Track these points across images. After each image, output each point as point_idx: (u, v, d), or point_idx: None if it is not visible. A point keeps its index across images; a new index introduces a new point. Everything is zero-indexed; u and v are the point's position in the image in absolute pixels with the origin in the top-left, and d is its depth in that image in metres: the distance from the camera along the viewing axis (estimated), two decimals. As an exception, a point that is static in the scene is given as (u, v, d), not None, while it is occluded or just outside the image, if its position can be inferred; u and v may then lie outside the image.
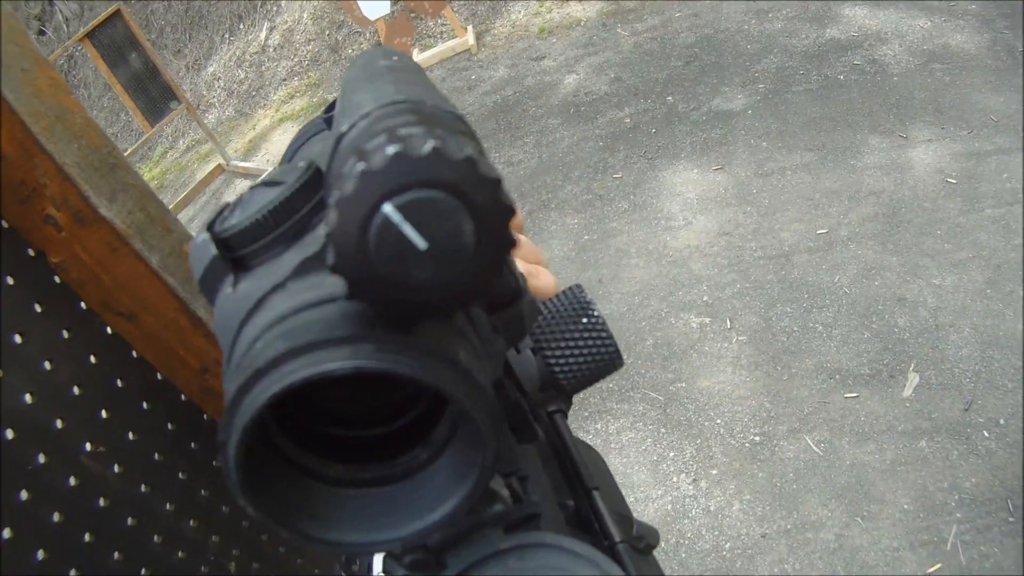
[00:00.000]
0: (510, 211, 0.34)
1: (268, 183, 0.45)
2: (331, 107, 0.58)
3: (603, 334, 0.65)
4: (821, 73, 5.34)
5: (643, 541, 0.66)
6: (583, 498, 0.63)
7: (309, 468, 0.41)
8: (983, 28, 5.27)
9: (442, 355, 0.36)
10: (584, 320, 0.65)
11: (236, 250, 0.43)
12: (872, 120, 4.79)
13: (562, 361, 0.64)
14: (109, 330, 1.04)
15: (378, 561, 0.50)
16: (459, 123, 0.40)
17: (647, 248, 4.49)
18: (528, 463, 0.58)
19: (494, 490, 0.48)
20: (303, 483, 0.40)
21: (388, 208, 0.32)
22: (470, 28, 7.42)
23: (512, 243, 0.35)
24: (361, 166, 0.32)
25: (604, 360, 0.65)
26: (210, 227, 0.44)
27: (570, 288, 0.67)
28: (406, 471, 0.42)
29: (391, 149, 0.32)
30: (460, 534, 0.46)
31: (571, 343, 0.65)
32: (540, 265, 0.71)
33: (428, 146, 0.32)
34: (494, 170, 0.34)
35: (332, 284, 0.37)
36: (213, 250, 0.42)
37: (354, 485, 0.42)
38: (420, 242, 0.33)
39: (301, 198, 0.43)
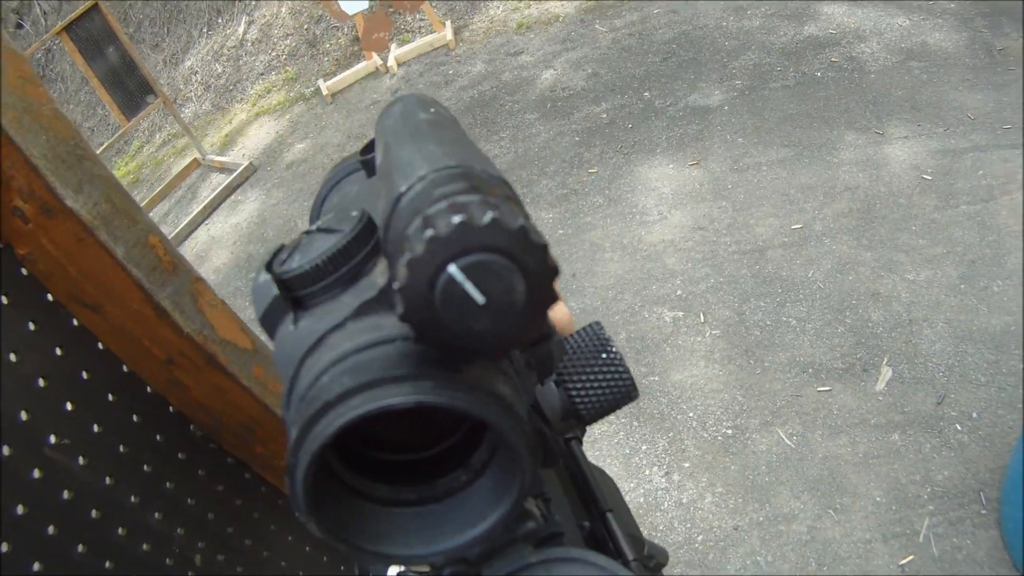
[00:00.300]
0: (555, 272, 0.39)
1: (324, 229, 0.49)
2: (368, 148, 0.64)
3: (620, 368, 0.69)
4: (798, 70, 5.36)
5: (653, 560, 0.71)
6: (598, 519, 0.69)
7: (360, 489, 0.46)
8: (961, 27, 5.30)
9: (490, 391, 0.41)
10: (603, 355, 0.70)
11: (296, 290, 0.47)
12: (849, 117, 4.81)
13: (583, 393, 0.69)
14: (76, 322, 1.04)
15: (393, 569, 0.54)
16: (505, 187, 0.43)
17: (621, 242, 4.50)
18: (549, 486, 0.64)
19: (528, 509, 0.53)
20: (355, 502, 0.46)
21: (453, 269, 0.37)
22: (448, 23, 7.41)
23: (555, 298, 0.40)
24: (429, 232, 0.36)
25: (621, 392, 0.70)
26: (268, 267, 0.48)
27: (589, 325, 0.72)
28: (447, 491, 0.47)
29: (456, 219, 0.36)
30: (496, 548, 0.51)
31: (591, 376, 0.69)
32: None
33: (488, 217, 0.37)
34: (542, 237, 0.38)
35: (389, 326, 0.43)
36: (275, 290, 0.47)
37: (400, 504, 0.47)
38: (479, 298, 0.37)
39: (357, 246, 0.47)
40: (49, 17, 10.07)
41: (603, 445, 3.52)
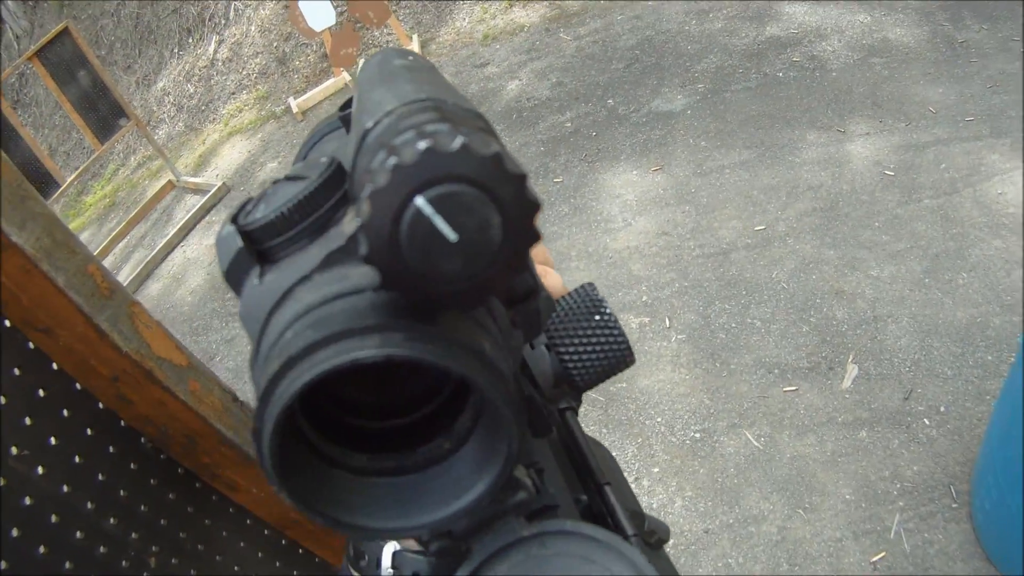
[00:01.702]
0: (535, 206, 0.36)
1: (291, 178, 0.47)
2: (346, 105, 0.60)
3: (615, 331, 0.67)
4: (760, 71, 5.39)
5: (655, 536, 0.69)
6: (595, 493, 0.65)
7: (335, 457, 0.44)
8: (922, 21, 5.33)
9: (468, 344, 0.38)
10: (596, 317, 0.67)
11: (261, 243, 0.45)
12: (810, 116, 4.83)
13: (575, 357, 0.66)
14: (31, 345, 1.12)
15: (387, 556, 0.53)
16: (479, 120, 0.41)
17: (587, 251, 4.51)
18: (543, 457, 0.60)
19: (517, 478, 0.50)
20: (330, 471, 0.43)
21: (420, 201, 0.34)
22: (415, 36, 7.41)
23: (537, 237, 0.37)
24: (393, 160, 0.34)
25: (616, 356, 0.67)
26: (234, 220, 0.46)
27: (582, 286, 0.70)
28: (429, 460, 0.45)
29: (422, 144, 0.34)
30: (484, 521, 0.49)
31: (584, 340, 0.66)
32: (548, 266, 0.75)
33: (457, 142, 0.34)
34: (519, 166, 0.36)
35: (359, 276, 0.40)
36: (239, 242, 0.45)
37: (378, 474, 0.44)
38: (450, 234, 0.35)
39: (324, 193, 0.45)
40: (22, 41, 10.07)
41: (571, 454, 3.50)
